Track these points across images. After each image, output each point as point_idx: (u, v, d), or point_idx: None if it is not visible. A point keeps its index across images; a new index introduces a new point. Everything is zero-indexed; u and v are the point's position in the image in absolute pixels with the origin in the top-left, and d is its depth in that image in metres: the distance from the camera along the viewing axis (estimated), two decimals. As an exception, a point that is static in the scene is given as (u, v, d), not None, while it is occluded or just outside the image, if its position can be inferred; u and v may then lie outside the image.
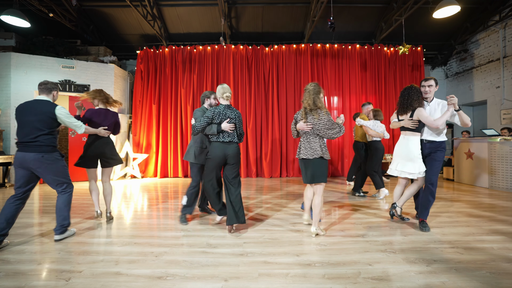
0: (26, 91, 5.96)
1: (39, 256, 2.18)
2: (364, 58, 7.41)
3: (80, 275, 1.86)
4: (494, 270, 1.89)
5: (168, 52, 7.28)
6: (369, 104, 4.67)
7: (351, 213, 3.44)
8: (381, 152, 4.25)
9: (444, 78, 8.57)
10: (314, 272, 1.88)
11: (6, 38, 6.50)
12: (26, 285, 1.74)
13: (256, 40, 7.57)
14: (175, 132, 7.19)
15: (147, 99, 7.22)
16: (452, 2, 4.80)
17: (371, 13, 6.96)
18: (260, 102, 7.19)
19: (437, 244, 2.38)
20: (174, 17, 7.00)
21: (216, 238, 2.59)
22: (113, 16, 6.92)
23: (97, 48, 7.20)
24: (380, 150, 4.23)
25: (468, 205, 3.85)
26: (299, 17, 7.01)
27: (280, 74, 7.27)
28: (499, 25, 6.56)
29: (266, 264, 2.03)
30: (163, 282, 1.77)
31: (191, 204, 3.10)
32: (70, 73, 6.33)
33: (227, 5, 6.60)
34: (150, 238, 2.59)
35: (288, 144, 7.18)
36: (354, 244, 2.40)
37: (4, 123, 5.82)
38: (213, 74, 7.21)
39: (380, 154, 4.24)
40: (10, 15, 4.73)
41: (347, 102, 7.31)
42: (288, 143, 7.18)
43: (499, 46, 6.62)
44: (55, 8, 5.98)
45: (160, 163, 7.09)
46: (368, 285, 1.71)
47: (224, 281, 1.78)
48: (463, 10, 6.26)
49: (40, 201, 4.37)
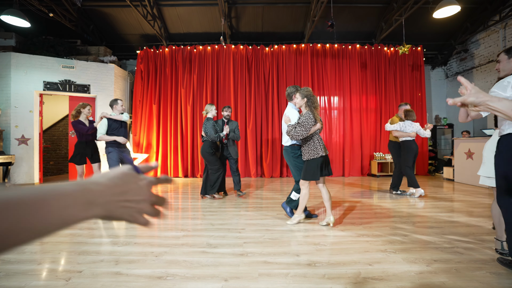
0: (26, 91, 5.96)
1: (39, 256, 2.18)
2: (364, 58, 7.41)
3: (80, 275, 1.86)
4: (494, 270, 1.89)
5: (168, 52, 7.28)
6: (406, 105, 4.70)
7: (352, 213, 3.44)
8: (414, 151, 4.30)
9: (444, 78, 8.57)
10: (314, 272, 1.88)
11: (6, 38, 6.50)
12: (26, 285, 1.74)
13: (256, 40, 7.57)
14: (175, 132, 7.19)
15: (147, 99, 7.23)
16: (452, 2, 4.80)
17: (371, 13, 6.96)
18: (260, 102, 7.19)
19: (437, 244, 2.38)
20: (174, 17, 7.00)
21: (216, 238, 2.59)
22: (113, 16, 6.92)
23: (97, 48, 7.19)
24: (412, 149, 4.29)
25: (468, 205, 3.85)
26: (299, 17, 7.01)
27: (280, 74, 7.27)
28: (499, 25, 6.55)
29: (266, 264, 2.03)
30: (163, 282, 1.77)
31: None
32: (70, 73, 6.32)
33: (227, 5, 6.60)
34: (150, 238, 2.59)
35: (288, 144, 7.17)
36: (354, 244, 2.40)
37: (4, 123, 5.82)
38: (213, 74, 7.21)
39: (412, 152, 4.30)
40: (10, 15, 4.73)
41: (347, 102, 7.31)
42: (288, 143, 7.17)
43: (499, 46, 6.62)
44: (55, 8, 5.97)
45: (160, 163, 7.09)
46: (368, 285, 1.71)
47: (224, 281, 1.78)
48: (463, 10, 6.26)
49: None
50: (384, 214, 3.40)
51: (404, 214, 3.37)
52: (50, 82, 6.15)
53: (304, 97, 2.78)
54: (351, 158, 7.23)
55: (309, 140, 2.80)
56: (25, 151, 5.91)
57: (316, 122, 2.76)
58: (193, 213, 3.51)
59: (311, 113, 2.73)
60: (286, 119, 2.93)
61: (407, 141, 4.33)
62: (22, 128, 5.91)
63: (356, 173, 7.22)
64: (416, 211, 3.55)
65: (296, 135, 2.69)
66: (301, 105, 2.83)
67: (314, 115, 2.74)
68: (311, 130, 2.73)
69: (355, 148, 7.26)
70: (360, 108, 7.32)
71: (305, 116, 2.71)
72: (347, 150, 7.22)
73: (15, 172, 5.82)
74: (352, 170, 7.22)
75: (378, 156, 6.96)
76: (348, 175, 7.17)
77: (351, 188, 5.32)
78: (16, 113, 5.88)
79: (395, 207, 3.74)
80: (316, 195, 4.44)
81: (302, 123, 2.69)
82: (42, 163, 6.43)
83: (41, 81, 6.08)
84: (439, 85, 8.55)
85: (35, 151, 6.02)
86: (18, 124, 5.88)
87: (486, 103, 0.85)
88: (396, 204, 3.96)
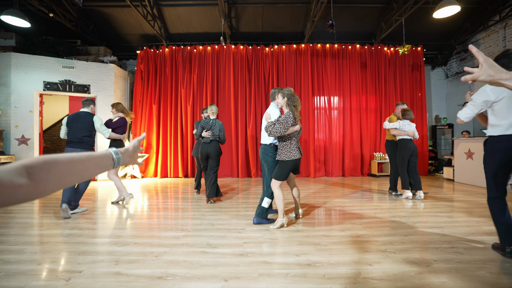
0: (26, 91, 5.96)
1: (39, 256, 2.18)
2: (364, 58, 7.41)
3: (80, 275, 1.85)
4: (494, 270, 1.89)
5: (168, 52, 7.28)
6: (403, 104, 4.67)
7: (351, 213, 3.44)
8: (410, 149, 4.25)
9: (444, 78, 8.57)
10: (314, 272, 1.88)
11: (6, 38, 6.50)
12: (26, 285, 1.74)
13: (256, 40, 7.57)
14: (175, 132, 7.19)
15: (147, 99, 7.23)
16: (452, 2, 4.80)
17: (371, 13, 6.96)
18: (260, 102, 7.19)
19: (437, 244, 2.38)
20: (174, 17, 7.00)
21: (216, 238, 2.59)
22: (113, 16, 6.92)
23: (97, 48, 7.20)
24: (408, 148, 4.24)
25: (468, 205, 3.84)
26: (299, 17, 7.01)
27: (280, 74, 7.27)
28: (499, 25, 6.55)
29: (266, 264, 2.03)
30: (163, 282, 1.77)
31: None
32: (70, 73, 6.33)
33: (227, 5, 6.60)
34: (150, 238, 2.59)
35: (288, 144, 7.16)
36: (354, 244, 2.40)
37: (4, 123, 5.82)
38: (213, 74, 7.21)
39: (408, 151, 4.25)
40: (10, 15, 4.73)
41: (347, 102, 7.31)
42: (288, 143, 7.17)
43: (499, 46, 6.62)
44: (55, 8, 5.97)
45: (160, 163, 7.09)
46: (368, 285, 1.71)
47: (224, 281, 1.78)
48: (463, 10, 6.26)
49: (40, 201, 4.37)
50: (384, 214, 3.40)
51: (404, 214, 3.37)
52: (50, 82, 6.15)
53: (285, 96, 2.83)
54: (351, 158, 7.23)
55: (287, 140, 2.83)
56: (25, 151, 5.91)
57: (295, 123, 2.79)
58: (193, 213, 3.51)
59: (291, 113, 2.78)
60: (267, 116, 2.99)
61: (404, 140, 4.31)
62: (22, 128, 5.91)
63: (356, 173, 7.22)
64: (416, 211, 3.55)
65: (274, 131, 2.71)
66: (282, 105, 2.88)
67: (294, 115, 2.78)
68: (289, 129, 2.75)
69: (355, 148, 7.26)
70: (360, 108, 7.32)
71: (286, 115, 2.76)
72: (347, 150, 7.22)
73: (15, 172, 5.81)
74: (352, 170, 7.22)
75: (378, 156, 6.96)
76: (348, 175, 7.17)
77: (351, 188, 5.32)
78: (16, 113, 5.88)
79: (395, 207, 3.74)
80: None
81: (281, 121, 2.72)
82: (42, 163, 6.42)
83: (41, 81, 6.08)
84: (439, 85, 8.55)
85: (35, 151, 6.02)
86: (18, 124, 5.88)
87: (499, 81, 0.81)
88: (396, 204, 3.95)
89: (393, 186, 4.64)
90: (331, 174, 7.20)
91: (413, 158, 4.28)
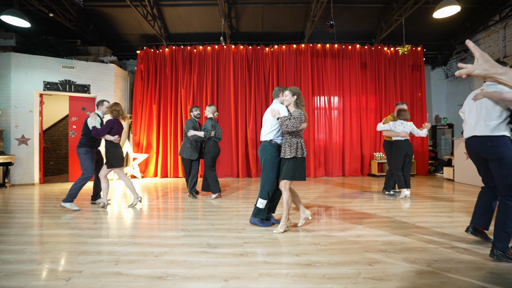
0: (26, 91, 5.96)
1: (39, 256, 2.18)
2: (364, 58, 7.40)
3: (80, 275, 1.86)
4: (494, 270, 1.89)
5: (168, 52, 7.28)
6: (403, 104, 4.67)
7: (351, 213, 3.44)
8: (403, 151, 4.27)
9: (444, 78, 8.56)
10: (314, 272, 1.88)
11: (6, 38, 6.50)
12: (26, 285, 1.74)
13: (256, 40, 7.57)
14: (175, 132, 7.19)
15: (147, 99, 7.23)
16: (452, 2, 4.80)
17: (371, 13, 6.96)
18: (260, 102, 7.19)
19: (437, 244, 2.38)
20: (174, 17, 7.00)
21: (216, 238, 2.59)
22: (113, 16, 6.92)
23: (97, 48, 7.19)
24: (401, 149, 4.27)
25: (468, 205, 3.84)
26: (299, 17, 7.01)
27: (280, 74, 7.27)
28: (499, 25, 6.55)
29: (266, 264, 2.03)
30: (163, 282, 1.77)
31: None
32: (70, 73, 6.32)
33: (227, 5, 6.60)
34: (150, 238, 2.59)
35: (288, 144, 7.17)
36: (354, 244, 2.40)
37: (4, 123, 5.82)
38: (213, 74, 7.21)
39: (401, 152, 4.28)
40: (10, 15, 4.73)
41: (347, 102, 7.31)
42: (288, 143, 7.17)
43: (499, 46, 6.61)
44: (55, 8, 5.97)
45: (160, 163, 7.09)
46: (368, 285, 1.71)
47: (224, 281, 1.78)
48: (463, 10, 6.26)
49: (40, 201, 4.37)
50: (384, 214, 3.40)
51: (404, 214, 3.37)
52: (50, 82, 6.15)
53: (294, 94, 2.78)
54: (351, 158, 7.23)
55: (296, 137, 2.79)
56: (25, 151, 5.91)
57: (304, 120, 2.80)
58: (193, 213, 3.51)
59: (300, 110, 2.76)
60: (275, 113, 2.85)
61: (398, 141, 4.32)
62: (22, 128, 5.91)
63: (356, 173, 7.22)
64: (416, 211, 3.55)
65: (291, 125, 2.66)
66: (290, 103, 2.80)
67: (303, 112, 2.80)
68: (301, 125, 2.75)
69: (355, 148, 7.26)
70: (360, 108, 7.32)
71: (298, 112, 2.74)
72: (347, 150, 7.22)
73: (15, 172, 5.82)
74: (352, 170, 7.22)
75: (378, 156, 6.96)
76: (348, 175, 7.17)
77: (351, 189, 5.32)
78: (16, 113, 5.88)
79: (395, 207, 3.74)
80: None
81: (296, 117, 2.70)
82: (42, 163, 6.43)
83: (41, 81, 6.08)
84: (439, 85, 8.55)
85: (35, 151, 6.02)
86: (18, 124, 5.88)
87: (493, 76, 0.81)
88: (396, 204, 3.96)
89: (387, 186, 4.64)
90: (331, 174, 7.21)
91: (407, 158, 4.32)
